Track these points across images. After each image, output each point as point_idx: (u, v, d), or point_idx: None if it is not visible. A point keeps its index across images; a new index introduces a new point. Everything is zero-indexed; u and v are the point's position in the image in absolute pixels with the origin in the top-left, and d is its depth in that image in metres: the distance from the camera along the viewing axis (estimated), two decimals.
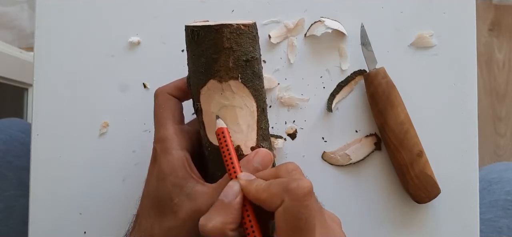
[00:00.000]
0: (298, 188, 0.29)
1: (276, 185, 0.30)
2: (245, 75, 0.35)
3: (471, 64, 0.47)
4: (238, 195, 0.32)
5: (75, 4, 0.48)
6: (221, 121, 0.34)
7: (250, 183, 0.32)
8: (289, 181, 0.30)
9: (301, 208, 0.29)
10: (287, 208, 0.29)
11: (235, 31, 0.34)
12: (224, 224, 0.31)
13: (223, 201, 0.32)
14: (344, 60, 0.48)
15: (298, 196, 0.29)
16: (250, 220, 0.31)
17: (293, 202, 0.29)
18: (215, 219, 0.31)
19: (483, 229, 0.57)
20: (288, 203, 0.29)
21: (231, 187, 0.32)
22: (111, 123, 0.48)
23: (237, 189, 0.32)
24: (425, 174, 0.44)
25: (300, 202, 0.29)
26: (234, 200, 0.31)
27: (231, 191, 0.32)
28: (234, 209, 0.31)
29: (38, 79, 0.48)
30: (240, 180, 0.32)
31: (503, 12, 1.38)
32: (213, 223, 0.31)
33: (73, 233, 0.47)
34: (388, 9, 0.48)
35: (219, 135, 0.34)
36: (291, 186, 0.29)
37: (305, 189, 0.29)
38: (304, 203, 0.29)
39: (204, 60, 0.35)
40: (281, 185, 0.30)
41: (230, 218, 0.31)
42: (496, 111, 1.34)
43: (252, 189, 0.32)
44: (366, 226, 0.47)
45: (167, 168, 0.35)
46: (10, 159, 0.64)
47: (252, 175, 0.33)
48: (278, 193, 0.30)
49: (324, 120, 0.48)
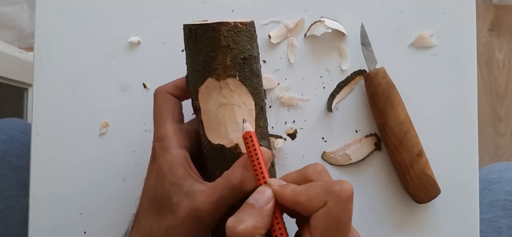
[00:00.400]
0: (341, 191, 0.29)
1: (317, 188, 0.30)
2: (243, 73, 0.35)
3: (471, 64, 0.47)
4: (271, 201, 0.31)
5: (75, 4, 0.48)
6: (248, 125, 0.34)
7: (285, 187, 0.32)
8: (331, 183, 0.30)
9: (344, 211, 0.29)
10: (329, 210, 0.29)
11: (233, 29, 0.34)
12: (255, 228, 0.30)
13: (254, 206, 0.31)
14: (344, 60, 0.48)
15: (342, 198, 0.29)
16: (280, 227, 0.31)
17: (337, 204, 0.29)
18: (247, 222, 0.30)
19: (483, 229, 0.57)
20: (332, 205, 0.29)
21: (262, 192, 0.32)
22: (111, 123, 0.48)
23: (270, 195, 0.32)
24: (425, 174, 0.44)
25: (344, 204, 0.29)
26: (266, 206, 0.31)
27: (262, 197, 0.32)
28: (266, 215, 0.31)
29: (38, 79, 0.48)
30: (272, 185, 0.32)
31: (503, 12, 1.38)
32: (245, 226, 0.30)
33: (73, 233, 0.47)
34: (388, 9, 0.48)
35: (246, 139, 0.33)
36: (335, 188, 0.29)
37: (349, 192, 0.29)
38: (347, 206, 0.29)
39: (202, 59, 0.35)
40: (323, 187, 0.30)
41: (261, 223, 0.31)
42: (496, 111, 1.34)
43: (288, 193, 0.31)
44: (366, 226, 0.47)
45: (166, 167, 0.35)
46: (10, 159, 0.64)
47: (282, 181, 0.33)
48: (320, 195, 0.30)
49: (324, 120, 0.48)
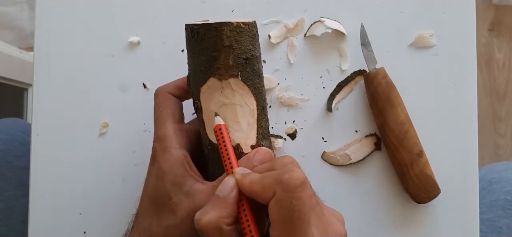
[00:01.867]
0: (290, 179, 0.29)
1: (269, 177, 0.30)
2: (245, 73, 0.35)
3: (471, 64, 0.47)
4: (233, 190, 0.32)
5: (75, 4, 0.48)
6: (219, 118, 0.35)
7: (245, 177, 0.32)
8: (281, 173, 0.30)
9: (293, 200, 0.29)
10: (279, 199, 0.29)
11: (235, 29, 0.34)
12: (219, 218, 0.30)
13: (218, 196, 0.31)
14: (344, 60, 0.48)
15: (290, 187, 0.29)
16: (246, 214, 0.31)
17: (285, 193, 0.29)
18: (210, 213, 0.31)
19: (483, 229, 0.57)
20: (280, 194, 0.29)
21: (227, 182, 0.32)
22: (111, 123, 0.48)
23: (233, 184, 0.32)
24: (425, 174, 0.44)
25: (292, 193, 0.29)
26: (229, 195, 0.31)
27: (226, 186, 0.32)
28: (229, 204, 0.31)
29: (38, 79, 0.48)
30: (236, 174, 0.32)
31: (503, 12, 1.38)
32: (208, 217, 0.30)
33: (73, 233, 0.47)
34: (388, 9, 0.48)
35: (216, 132, 0.34)
36: (283, 177, 0.29)
37: (297, 180, 0.29)
38: (296, 195, 0.29)
39: (204, 58, 0.35)
40: (274, 176, 0.30)
41: (225, 212, 0.31)
42: (496, 111, 1.34)
43: (246, 182, 0.31)
44: (366, 226, 0.47)
45: (166, 167, 0.35)
46: (10, 159, 0.64)
47: (247, 169, 0.33)
48: (271, 185, 0.30)
49: (324, 120, 0.48)
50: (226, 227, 0.31)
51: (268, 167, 0.33)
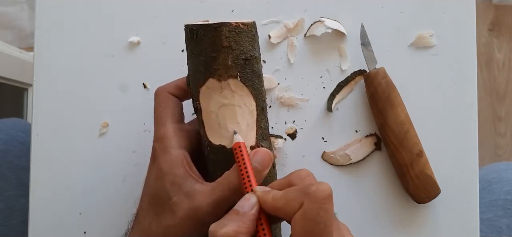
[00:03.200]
0: (317, 191, 0.29)
1: (294, 191, 0.30)
2: (244, 74, 0.35)
3: (471, 64, 0.47)
4: (254, 207, 0.31)
5: (75, 4, 0.48)
6: (238, 136, 0.35)
7: (267, 193, 0.32)
8: (308, 185, 0.30)
9: (320, 211, 0.28)
10: (306, 211, 0.29)
11: (234, 29, 0.34)
12: (236, 233, 0.30)
13: (238, 211, 0.31)
14: (344, 60, 0.48)
15: (318, 198, 0.28)
16: (265, 233, 0.31)
17: (313, 204, 0.28)
18: (227, 227, 0.30)
19: (483, 228, 0.57)
20: (307, 206, 0.29)
21: (248, 199, 0.32)
22: (111, 123, 0.48)
23: (254, 201, 0.32)
24: (425, 174, 0.44)
25: (320, 204, 0.28)
26: (249, 211, 0.31)
27: (247, 203, 0.31)
28: (249, 220, 0.31)
29: (38, 79, 0.48)
30: (257, 192, 0.32)
31: (503, 12, 1.38)
32: (225, 230, 0.30)
33: (73, 233, 0.47)
34: (388, 9, 0.48)
35: (235, 150, 0.34)
36: (311, 189, 0.29)
37: (325, 192, 0.29)
38: (324, 207, 0.28)
39: (203, 59, 0.35)
40: (300, 189, 0.30)
41: (243, 228, 0.30)
42: (496, 111, 1.34)
43: (269, 199, 0.31)
44: (366, 226, 0.47)
45: (165, 167, 0.35)
46: (10, 159, 0.64)
47: (267, 187, 0.33)
48: (297, 198, 0.29)
49: (324, 120, 0.48)
50: None
51: (285, 182, 0.33)
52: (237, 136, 0.35)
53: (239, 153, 0.34)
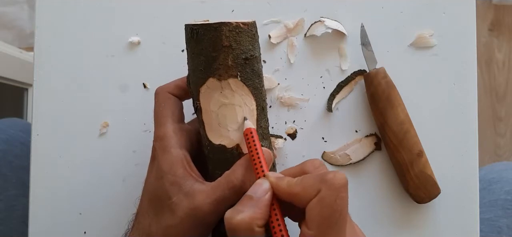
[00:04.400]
0: (335, 178, 0.29)
1: (311, 178, 0.30)
2: (245, 74, 0.35)
3: (471, 64, 0.47)
4: (268, 192, 0.32)
5: (75, 4, 0.48)
6: (249, 122, 0.35)
7: (281, 179, 0.32)
8: (325, 173, 0.30)
9: (337, 199, 0.29)
10: (323, 198, 0.29)
11: (234, 29, 0.34)
12: (252, 219, 0.30)
13: (252, 197, 0.31)
14: (344, 60, 0.48)
15: (335, 186, 0.29)
16: (277, 218, 0.31)
17: (330, 191, 0.29)
18: (244, 213, 0.30)
19: (483, 228, 0.57)
20: (325, 192, 0.29)
21: (260, 184, 0.32)
22: (111, 123, 0.48)
23: (267, 186, 0.32)
24: (425, 174, 0.44)
25: (337, 192, 0.29)
26: (263, 197, 0.31)
27: (260, 188, 0.32)
28: (263, 205, 0.31)
29: (38, 79, 0.48)
30: (270, 177, 0.32)
31: (503, 12, 1.38)
32: (241, 216, 0.30)
33: (73, 233, 0.47)
34: (388, 9, 0.48)
35: (247, 135, 0.34)
36: (328, 176, 0.29)
37: (342, 180, 0.29)
38: (341, 194, 0.29)
39: (203, 59, 0.35)
40: (317, 177, 0.30)
41: (258, 214, 0.31)
42: (496, 111, 1.34)
43: (283, 185, 0.31)
44: (366, 226, 0.46)
45: (165, 167, 0.35)
46: (11, 159, 0.64)
47: (280, 174, 0.33)
48: (314, 185, 0.30)
49: (324, 120, 0.48)
50: (258, 229, 0.30)
51: (298, 170, 0.33)
52: (247, 122, 0.35)
53: (250, 139, 0.34)
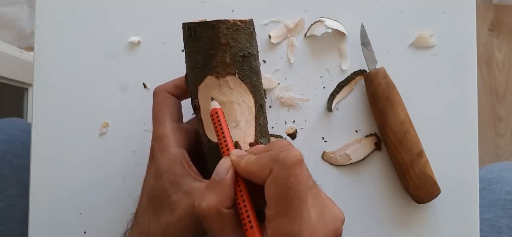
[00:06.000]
0: (286, 157, 0.29)
1: (265, 156, 0.30)
2: (242, 71, 0.35)
3: (471, 64, 0.47)
4: (229, 171, 0.31)
5: (75, 4, 0.48)
6: (215, 102, 0.35)
7: (241, 158, 0.32)
8: (278, 151, 0.30)
9: (290, 177, 0.29)
10: (275, 177, 0.29)
11: (232, 27, 0.34)
12: (218, 202, 0.30)
13: (215, 179, 0.31)
14: (344, 60, 0.48)
15: (287, 164, 0.29)
16: (242, 195, 0.31)
17: (282, 170, 0.29)
18: (208, 198, 0.30)
19: (483, 228, 0.57)
20: (277, 171, 0.29)
21: (222, 164, 0.32)
22: (111, 123, 0.48)
23: (228, 165, 0.32)
24: (425, 174, 0.44)
25: (289, 170, 0.29)
26: (225, 176, 0.31)
27: (222, 168, 0.32)
28: (226, 185, 0.31)
29: (38, 79, 0.48)
30: (231, 156, 0.32)
31: (503, 12, 1.38)
32: (206, 202, 0.30)
33: (73, 233, 0.47)
34: (388, 9, 0.48)
35: (213, 116, 0.34)
36: (280, 155, 0.29)
37: (294, 158, 0.29)
38: (293, 172, 0.29)
39: (201, 57, 0.35)
40: (271, 155, 0.30)
41: (223, 195, 0.31)
42: (496, 111, 1.34)
43: (242, 163, 0.31)
44: (366, 226, 0.47)
45: (164, 165, 0.35)
46: (11, 159, 0.64)
47: (243, 152, 0.33)
48: (267, 163, 0.30)
49: (324, 120, 0.48)
50: (225, 210, 0.30)
51: (264, 148, 0.33)
52: (214, 102, 0.35)
53: (215, 118, 0.34)
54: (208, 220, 0.31)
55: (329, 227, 0.31)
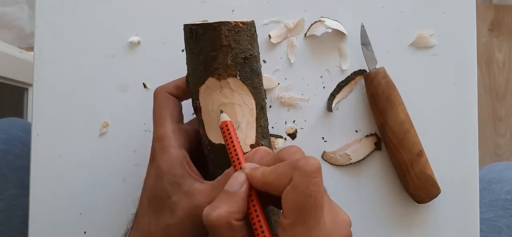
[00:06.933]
0: (306, 165, 0.29)
1: (283, 165, 0.30)
2: (244, 73, 0.35)
3: (471, 64, 0.47)
4: (244, 184, 0.31)
5: (75, 4, 0.48)
6: (225, 115, 0.35)
7: (256, 170, 0.31)
8: (297, 159, 0.29)
9: (310, 185, 0.28)
10: (295, 185, 0.28)
11: (233, 28, 0.34)
12: (229, 213, 0.30)
13: (228, 191, 0.31)
14: (344, 60, 0.48)
15: (307, 172, 0.28)
16: (256, 209, 0.31)
17: (302, 178, 0.28)
18: (220, 208, 0.30)
19: (483, 228, 0.57)
20: (297, 179, 0.28)
21: (236, 177, 0.32)
22: (111, 123, 0.48)
23: (243, 179, 0.31)
24: (425, 174, 0.44)
25: (309, 178, 0.28)
26: (239, 190, 0.31)
27: (236, 181, 0.31)
28: (239, 199, 0.31)
29: (38, 79, 0.48)
30: (245, 169, 0.32)
31: (503, 12, 1.38)
32: (218, 212, 0.30)
33: (73, 233, 0.47)
34: (388, 9, 0.48)
35: (223, 129, 0.34)
36: (300, 163, 0.29)
37: (314, 165, 0.29)
38: (313, 180, 0.28)
39: (202, 58, 0.35)
40: (289, 164, 0.30)
41: (235, 207, 0.30)
42: (496, 111, 1.34)
43: (258, 175, 0.31)
44: (366, 226, 0.47)
45: (165, 166, 0.35)
46: (11, 159, 0.64)
47: (256, 164, 0.33)
48: (286, 172, 0.29)
49: (324, 120, 0.48)
50: (236, 223, 0.30)
51: (275, 157, 0.33)
52: (223, 114, 0.34)
53: (226, 132, 0.33)
54: (218, 230, 0.30)
55: (342, 233, 0.31)
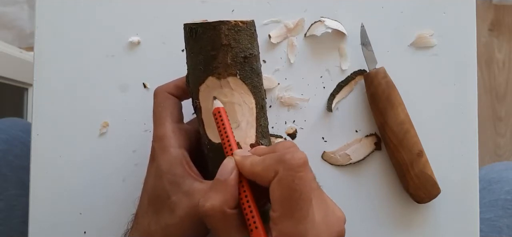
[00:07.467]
0: (292, 159, 0.29)
1: (270, 158, 0.30)
2: (244, 72, 0.35)
3: (471, 64, 0.47)
4: (233, 171, 0.31)
5: (75, 4, 0.48)
6: (218, 101, 0.35)
7: (245, 158, 0.32)
8: (283, 153, 0.30)
9: (295, 179, 0.29)
10: (281, 178, 0.29)
11: (233, 28, 0.35)
12: (222, 202, 0.30)
13: (219, 180, 0.31)
14: (344, 60, 0.48)
15: (292, 166, 0.29)
16: (246, 196, 0.31)
17: (287, 171, 0.29)
18: (213, 198, 0.30)
19: (483, 228, 0.57)
20: (282, 173, 0.29)
21: (226, 164, 0.32)
22: (111, 123, 0.48)
23: (232, 165, 0.32)
24: (425, 174, 0.44)
25: (294, 172, 0.29)
26: (229, 177, 0.31)
27: (226, 168, 0.32)
28: (230, 186, 0.31)
29: (38, 79, 0.48)
30: (235, 156, 0.32)
31: (503, 12, 1.38)
32: (210, 202, 0.30)
33: (73, 233, 0.47)
34: (388, 9, 0.48)
35: (215, 115, 0.34)
36: (286, 157, 0.29)
37: (299, 159, 0.29)
38: (298, 174, 0.29)
39: (202, 57, 0.35)
40: (276, 157, 0.30)
41: (227, 196, 0.30)
42: (496, 111, 1.34)
43: (247, 164, 0.31)
44: (366, 226, 0.47)
45: (164, 166, 0.35)
46: (11, 159, 0.64)
47: (247, 152, 0.33)
48: (272, 165, 0.30)
49: (324, 120, 0.48)
50: (229, 211, 0.30)
51: (269, 150, 0.33)
52: (217, 101, 0.35)
53: (218, 118, 0.34)
54: (212, 220, 0.31)
55: (333, 228, 0.31)
